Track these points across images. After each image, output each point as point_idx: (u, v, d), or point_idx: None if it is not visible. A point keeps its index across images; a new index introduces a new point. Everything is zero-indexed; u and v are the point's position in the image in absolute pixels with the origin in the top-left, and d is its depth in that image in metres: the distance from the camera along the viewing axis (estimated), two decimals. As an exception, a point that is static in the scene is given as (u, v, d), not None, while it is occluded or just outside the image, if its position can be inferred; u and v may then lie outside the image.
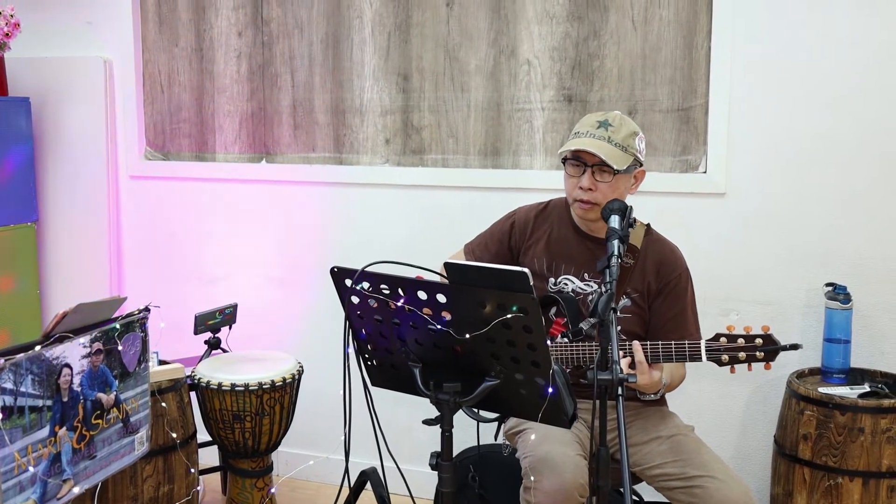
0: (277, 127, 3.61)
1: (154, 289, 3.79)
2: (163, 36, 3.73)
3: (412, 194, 3.43)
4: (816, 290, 2.96)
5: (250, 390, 2.90)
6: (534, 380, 1.77)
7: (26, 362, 1.67)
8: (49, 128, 3.84)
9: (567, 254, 2.52)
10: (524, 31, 3.21)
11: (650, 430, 2.41)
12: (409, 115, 3.41)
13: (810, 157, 2.94)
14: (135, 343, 1.99)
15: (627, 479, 1.71)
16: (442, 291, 1.75)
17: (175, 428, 2.75)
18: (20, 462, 1.68)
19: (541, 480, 2.19)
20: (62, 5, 3.81)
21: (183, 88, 3.73)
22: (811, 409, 2.68)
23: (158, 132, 3.80)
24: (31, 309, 3.78)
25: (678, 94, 3.07)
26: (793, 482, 2.73)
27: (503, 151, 3.30)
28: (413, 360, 1.90)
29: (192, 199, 3.75)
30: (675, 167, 3.11)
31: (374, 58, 3.42)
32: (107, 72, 3.77)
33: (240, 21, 3.60)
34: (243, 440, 2.95)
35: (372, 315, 1.88)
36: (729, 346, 2.24)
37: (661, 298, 2.44)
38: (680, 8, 3.03)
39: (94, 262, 3.84)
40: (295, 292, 3.63)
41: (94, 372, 1.86)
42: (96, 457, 1.90)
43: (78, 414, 1.83)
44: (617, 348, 1.83)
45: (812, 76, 2.91)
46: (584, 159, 2.35)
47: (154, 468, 2.69)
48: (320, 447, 3.62)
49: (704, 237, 3.05)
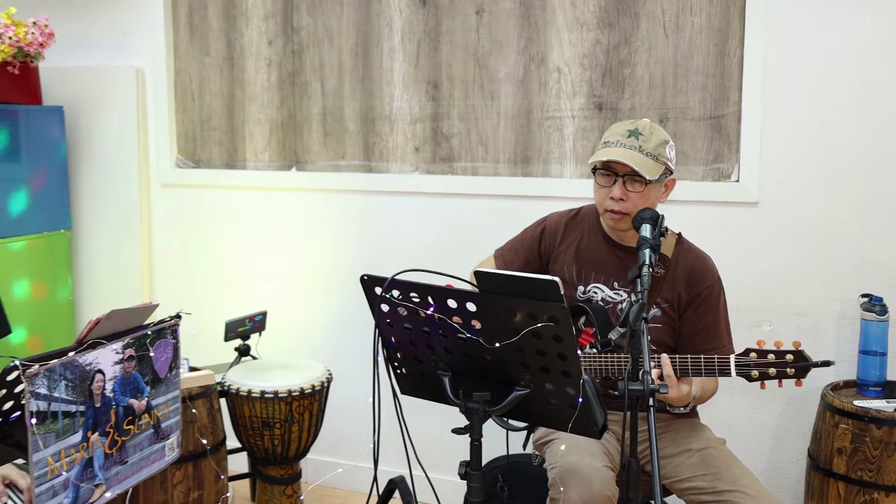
0: (307, 135, 3.63)
1: (185, 296, 3.82)
2: (194, 45, 3.76)
3: (442, 202, 3.43)
4: (851, 301, 2.92)
5: (280, 397, 2.91)
6: (564, 389, 1.77)
7: (60, 368, 1.68)
8: (82, 136, 3.89)
9: (597, 262, 2.50)
10: (554, 38, 3.21)
11: (681, 443, 2.39)
12: (438, 122, 3.41)
13: (845, 166, 2.90)
14: (166, 350, 2.00)
15: (659, 492, 1.70)
16: (472, 300, 1.75)
17: (205, 434, 2.76)
18: (53, 466, 1.69)
19: (568, 491, 2.17)
20: (95, 16, 3.86)
21: (214, 97, 3.76)
22: (846, 422, 2.64)
23: (189, 140, 3.84)
24: (64, 315, 3.82)
25: (710, 102, 3.05)
26: (827, 497, 2.69)
27: (533, 159, 3.30)
28: (443, 368, 1.90)
29: (223, 207, 3.77)
30: (706, 176, 3.08)
31: (403, 65, 3.43)
32: (139, 81, 3.81)
33: (270, 30, 3.63)
34: (272, 447, 2.96)
35: (402, 323, 1.89)
36: (759, 362, 2.20)
37: (693, 309, 2.42)
38: (712, 15, 3.01)
39: (127, 269, 3.88)
40: (324, 300, 3.64)
41: (126, 378, 1.87)
42: (128, 462, 1.91)
43: (110, 419, 1.84)
44: (649, 357, 1.81)
45: (846, 85, 2.87)
46: (614, 169, 2.32)
47: (184, 474, 2.71)
48: (349, 455, 3.63)
49: (737, 247, 3.02)
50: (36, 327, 3.64)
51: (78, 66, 3.86)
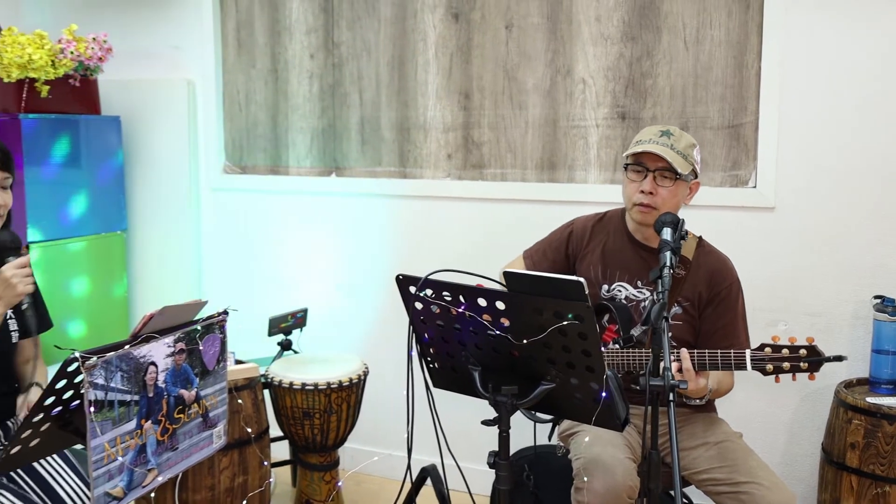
0: (346, 143, 3.64)
1: (232, 293, 3.84)
2: (241, 59, 3.79)
3: (472, 206, 3.42)
4: (864, 302, 2.88)
5: (319, 389, 2.92)
6: (588, 384, 1.76)
7: (116, 360, 1.69)
8: (137, 144, 3.92)
9: (621, 262, 2.49)
10: (580, 51, 3.19)
11: (699, 436, 2.37)
12: (469, 131, 3.41)
13: (859, 172, 2.86)
14: (214, 343, 2.01)
15: (678, 483, 1.68)
16: (501, 299, 1.74)
17: (250, 423, 2.78)
18: (110, 452, 1.70)
19: (592, 481, 2.16)
20: (150, 32, 3.89)
21: (259, 107, 3.79)
22: (859, 418, 2.61)
23: (236, 148, 3.86)
24: (119, 311, 3.85)
25: (729, 112, 3.02)
26: (840, 489, 2.65)
27: (559, 166, 3.28)
28: (473, 363, 1.89)
29: (267, 211, 3.79)
30: (725, 182, 3.05)
31: (437, 78, 3.43)
32: (190, 92, 3.84)
33: (312, 44, 3.64)
34: (312, 436, 2.98)
35: (434, 320, 1.89)
36: (773, 357, 2.19)
37: (712, 308, 2.40)
38: (731, 29, 2.98)
39: (178, 268, 3.91)
40: (362, 298, 3.65)
41: (177, 370, 1.88)
42: (178, 448, 1.92)
43: (162, 408, 1.85)
44: (669, 355, 1.80)
45: (861, 95, 2.83)
46: (646, 164, 2.33)
47: (230, 460, 2.73)
48: (384, 444, 3.63)
49: (754, 250, 2.99)
50: (93, 322, 3.67)
51: (134, 78, 3.90)
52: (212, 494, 2.69)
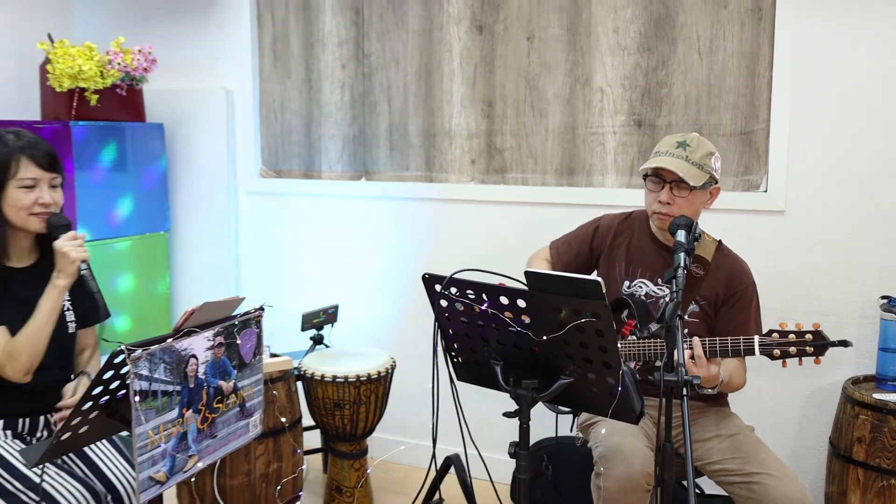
0: (375, 149, 3.65)
1: (267, 290, 3.86)
2: (277, 69, 3.81)
3: (495, 209, 3.42)
4: (872, 302, 2.84)
5: (349, 382, 2.93)
6: (604, 379, 1.75)
7: (159, 353, 1.71)
8: (179, 149, 3.95)
9: (644, 260, 2.48)
10: (598, 62, 3.18)
11: (711, 429, 2.36)
12: (492, 138, 3.41)
13: (866, 177, 2.83)
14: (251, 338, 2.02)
15: (691, 473, 1.67)
16: (522, 297, 1.74)
17: (284, 413, 2.79)
18: (153, 439, 1.72)
19: (611, 468, 2.15)
20: (191, 43, 3.92)
21: (294, 115, 3.81)
22: (866, 413, 2.58)
23: (272, 153, 3.88)
24: (162, 306, 3.88)
25: (741, 119, 3.00)
26: (847, 482, 2.63)
27: (578, 171, 3.27)
28: (495, 358, 1.89)
29: (301, 213, 3.81)
30: (737, 186, 3.03)
31: (461, 87, 3.43)
32: (229, 101, 3.86)
33: (343, 55, 3.65)
34: (342, 425, 2.99)
35: (458, 317, 1.89)
36: (781, 342, 2.18)
37: (727, 307, 2.39)
38: (743, 40, 2.96)
39: (217, 266, 3.93)
40: (390, 295, 3.66)
41: (216, 362, 1.89)
42: (217, 436, 1.93)
43: (202, 398, 1.86)
44: (683, 351, 1.79)
45: (868, 103, 2.80)
46: (662, 176, 2.32)
47: (265, 448, 2.74)
48: (410, 434, 3.64)
49: (765, 251, 2.96)
50: (138, 316, 3.70)
51: (176, 87, 3.93)
52: (248, 480, 2.70)
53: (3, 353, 2.07)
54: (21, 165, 2.11)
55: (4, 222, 2.14)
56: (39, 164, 2.13)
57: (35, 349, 2.09)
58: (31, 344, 2.08)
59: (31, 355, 2.09)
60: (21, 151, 2.12)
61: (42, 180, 2.14)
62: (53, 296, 2.11)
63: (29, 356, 2.08)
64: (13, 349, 2.07)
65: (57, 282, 2.11)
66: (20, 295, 2.16)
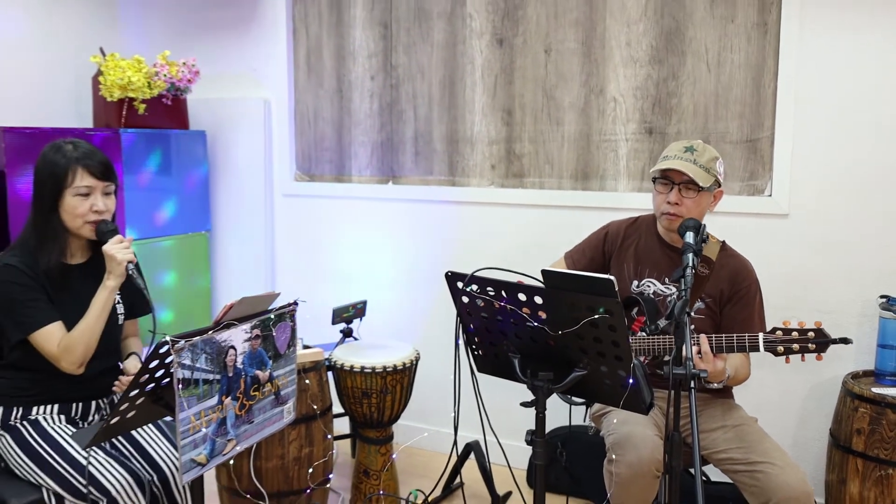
0: (402, 154, 3.65)
1: (300, 286, 3.88)
2: (311, 80, 3.83)
3: (513, 212, 3.41)
4: (871, 301, 2.81)
5: (376, 372, 2.94)
6: (617, 372, 1.74)
7: (201, 344, 1.72)
8: (220, 155, 3.98)
9: (651, 261, 2.47)
10: (611, 73, 3.17)
11: (717, 419, 2.34)
12: (511, 144, 3.40)
13: (866, 183, 2.80)
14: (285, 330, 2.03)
15: (698, 462, 1.66)
16: (539, 294, 1.74)
17: (315, 401, 2.80)
18: (195, 424, 1.73)
19: (622, 455, 2.15)
20: (232, 56, 3.95)
21: (326, 123, 3.82)
22: (865, 406, 2.55)
23: (306, 158, 3.90)
24: (203, 301, 3.90)
25: (747, 128, 2.97)
26: (846, 471, 2.59)
27: (592, 176, 3.26)
28: (513, 351, 1.89)
29: (332, 214, 3.82)
30: (742, 191, 3.00)
31: (483, 96, 3.43)
32: (266, 110, 3.88)
33: (372, 67, 3.66)
34: (370, 413, 2.99)
35: (479, 312, 1.89)
36: (784, 339, 2.15)
37: (732, 304, 2.37)
38: (750, 53, 2.93)
39: (254, 263, 3.95)
40: (415, 292, 3.66)
41: (253, 353, 1.90)
42: (254, 422, 1.94)
43: (240, 387, 1.87)
44: (691, 346, 1.78)
45: (869, 114, 2.77)
46: (672, 178, 2.32)
47: (298, 433, 2.75)
48: (433, 421, 3.64)
49: (769, 253, 2.93)
50: (180, 310, 3.73)
51: (218, 97, 3.95)
52: (282, 463, 2.72)
53: (59, 347, 2.10)
54: (77, 175, 2.14)
55: (63, 227, 2.18)
56: (94, 173, 2.16)
57: (88, 344, 2.12)
58: (84, 339, 2.11)
59: (85, 350, 2.12)
60: (77, 162, 2.15)
61: (96, 189, 2.17)
62: (104, 296, 2.14)
63: (83, 351, 2.11)
64: (69, 344, 2.10)
65: (107, 283, 2.14)
66: (76, 290, 2.20)
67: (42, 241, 2.16)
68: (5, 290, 2.10)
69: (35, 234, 2.17)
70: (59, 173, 2.13)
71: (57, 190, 2.14)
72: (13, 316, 2.10)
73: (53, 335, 2.10)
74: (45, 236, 2.16)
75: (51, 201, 2.15)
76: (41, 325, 2.09)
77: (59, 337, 2.11)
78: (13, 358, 2.17)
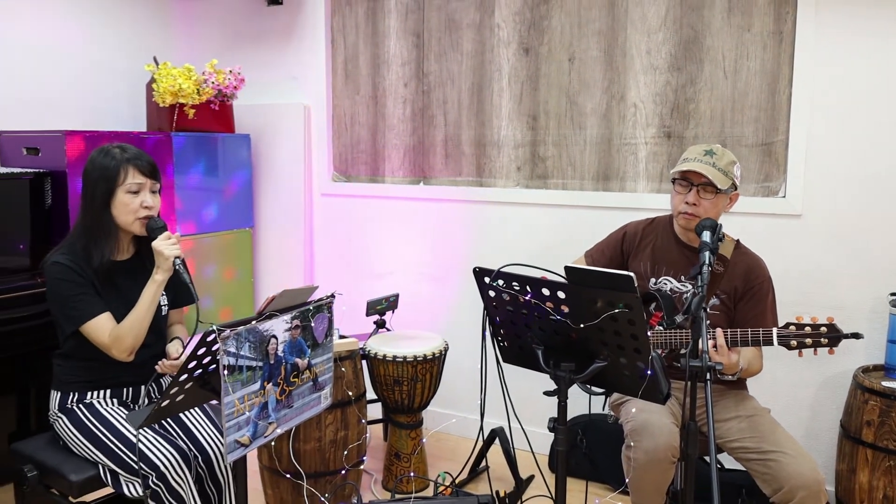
0: (432, 157, 3.65)
1: (337, 280, 3.90)
2: (348, 87, 3.84)
3: (538, 211, 3.40)
4: (881, 298, 2.75)
5: (407, 361, 2.94)
6: (635, 364, 1.73)
7: (245, 333, 1.73)
8: (263, 157, 4.00)
9: (668, 259, 2.45)
10: (632, 80, 3.13)
11: (731, 410, 2.31)
12: (536, 147, 3.38)
13: (878, 184, 2.74)
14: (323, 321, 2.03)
15: (713, 450, 1.64)
16: (562, 289, 1.73)
17: (350, 388, 2.81)
18: (239, 408, 1.74)
19: (640, 442, 2.13)
20: (274, 64, 3.98)
21: (362, 127, 3.83)
22: (875, 399, 2.50)
23: (343, 160, 3.91)
24: (247, 293, 3.93)
25: (762, 132, 2.92)
26: (856, 461, 2.55)
27: (612, 178, 3.23)
28: (536, 343, 1.88)
29: (367, 212, 3.84)
30: (757, 192, 2.96)
31: (509, 102, 3.41)
32: (305, 114, 3.89)
33: (406, 74, 3.66)
34: (401, 399, 3.00)
35: (505, 306, 1.88)
36: (797, 333, 2.12)
37: (745, 300, 2.33)
38: (765, 60, 2.88)
39: (294, 258, 3.96)
40: (444, 286, 3.66)
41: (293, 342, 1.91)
42: (293, 406, 1.95)
43: (281, 373, 1.87)
44: (707, 340, 1.76)
45: (880, 119, 2.71)
46: (691, 179, 2.30)
47: (334, 417, 2.76)
48: (460, 408, 3.64)
49: (782, 251, 2.89)
50: (226, 301, 3.76)
51: (261, 103, 3.98)
52: (319, 445, 2.73)
53: (110, 337, 2.13)
54: (129, 173, 2.17)
55: (115, 224, 2.21)
56: (143, 171, 2.19)
57: (138, 334, 2.15)
58: (134, 330, 2.14)
59: (135, 339, 2.15)
60: (128, 162, 2.18)
61: (145, 186, 2.20)
62: (153, 289, 2.17)
63: (132, 340, 2.14)
64: (119, 334, 2.13)
65: (156, 276, 2.17)
66: (122, 285, 2.23)
67: (95, 240, 2.18)
68: (55, 286, 2.14)
69: (86, 233, 2.19)
70: (112, 173, 2.16)
71: (109, 188, 2.17)
72: (65, 310, 2.14)
73: (103, 326, 2.13)
74: (98, 235, 2.19)
75: (103, 200, 2.18)
76: (91, 317, 2.13)
77: (108, 328, 2.14)
78: (68, 347, 2.21)
